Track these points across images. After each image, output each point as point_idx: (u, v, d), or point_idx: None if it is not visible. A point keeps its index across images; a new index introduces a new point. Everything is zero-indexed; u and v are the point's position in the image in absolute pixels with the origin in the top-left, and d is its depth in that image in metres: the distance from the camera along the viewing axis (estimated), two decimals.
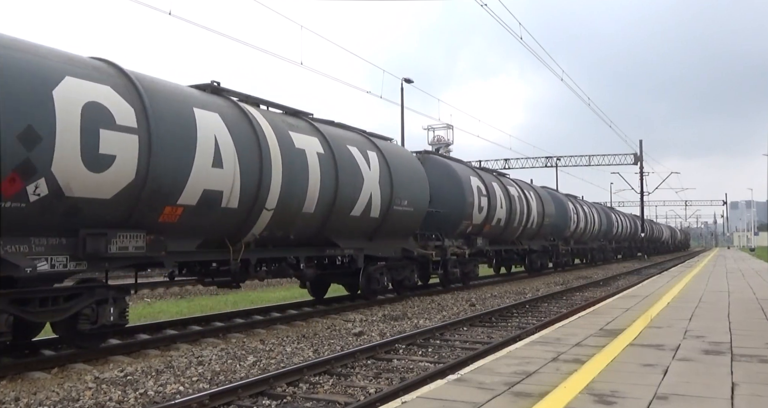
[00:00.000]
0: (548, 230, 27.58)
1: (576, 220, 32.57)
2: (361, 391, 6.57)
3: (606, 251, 41.74)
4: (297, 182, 10.88)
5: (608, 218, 41.04)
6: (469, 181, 18.79)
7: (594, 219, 36.09)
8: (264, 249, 10.98)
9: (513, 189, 22.99)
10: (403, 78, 30.02)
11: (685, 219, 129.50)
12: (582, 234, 34.22)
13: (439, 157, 20.24)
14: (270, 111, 11.55)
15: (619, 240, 46.23)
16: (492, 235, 21.12)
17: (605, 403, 4.15)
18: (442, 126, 49.32)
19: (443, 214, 17.49)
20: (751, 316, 8.92)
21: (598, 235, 38.02)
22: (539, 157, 48.30)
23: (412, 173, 15.28)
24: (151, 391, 6.46)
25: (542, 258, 27.67)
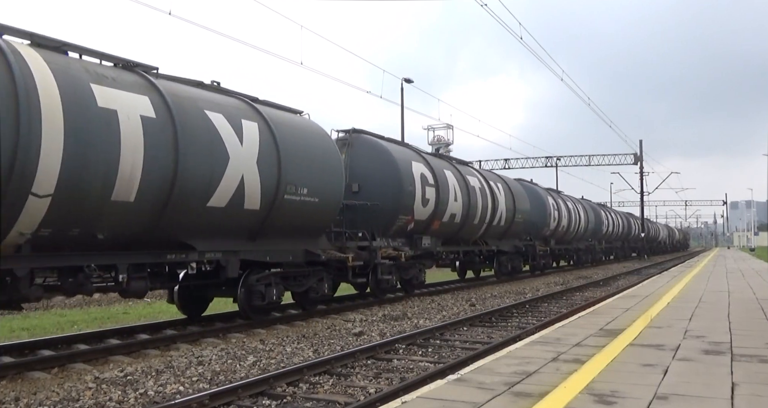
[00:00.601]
0: (521, 228, 23.70)
1: (557, 218, 28.70)
2: (361, 391, 6.57)
3: (594, 252, 38.35)
4: (96, 156, 7.74)
5: (597, 216, 38.01)
6: (409, 167, 15.41)
7: (580, 216, 33.21)
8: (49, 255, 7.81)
9: (473, 179, 19.55)
10: (403, 78, 30.02)
11: (685, 219, 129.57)
12: (565, 233, 30.70)
13: (370, 136, 15.76)
14: (69, 57, 8.35)
15: (610, 240, 43.71)
16: (445, 234, 17.46)
17: (605, 403, 4.15)
18: (442, 126, 49.31)
19: (373, 207, 14.38)
20: (751, 316, 8.92)
21: (585, 235, 35.07)
22: (539, 157, 48.31)
23: (317, 153, 11.94)
24: (151, 391, 6.46)
25: (514, 260, 23.69)
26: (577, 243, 33.97)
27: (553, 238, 28.98)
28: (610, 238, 43.49)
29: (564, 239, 31.10)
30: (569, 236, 31.83)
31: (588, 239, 36.62)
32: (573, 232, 32.16)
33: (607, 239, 42.85)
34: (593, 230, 36.91)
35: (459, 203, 17.73)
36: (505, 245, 22.64)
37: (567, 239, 31.69)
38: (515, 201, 22.55)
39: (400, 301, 15.17)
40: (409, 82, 30.21)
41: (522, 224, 23.63)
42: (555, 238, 29.24)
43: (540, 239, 26.94)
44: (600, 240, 39.96)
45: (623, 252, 49.68)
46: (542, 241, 27.26)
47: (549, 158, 48.15)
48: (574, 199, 35.09)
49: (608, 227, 42.02)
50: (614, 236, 44.87)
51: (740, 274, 20.29)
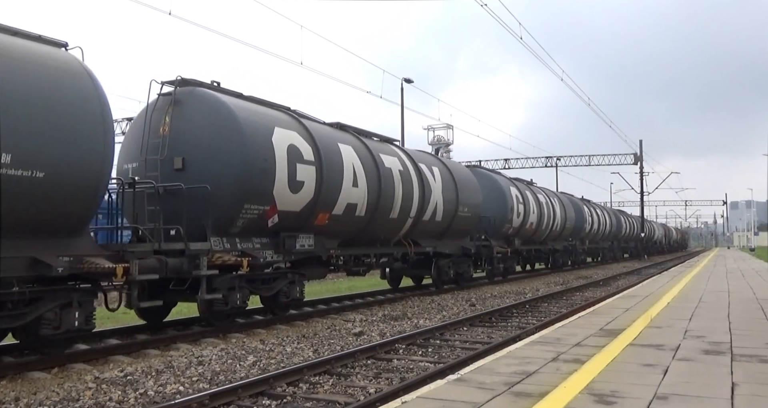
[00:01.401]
0: (470, 225, 20.49)
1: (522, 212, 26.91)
2: (361, 391, 6.57)
3: (615, 250, 42.70)
4: None
5: (578, 212, 36.65)
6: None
7: (554, 212, 30.84)
8: None
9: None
10: (403, 78, 30.03)
11: (685, 219, 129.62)
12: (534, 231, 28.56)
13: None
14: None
15: (595, 239, 41.78)
16: (342, 232, 13.98)
17: (605, 403, 4.15)
18: (442, 126, 49.30)
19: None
20: (751, 316, 8.92)
21: (563, 234, 33.30)
22: (539, 157, 48.32)
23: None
24: (151, 391, 6.46)
25: (460, 265, 20.08)
26: (552, 243, 29.27)
27: (518, 237, 24.06)
28: (595, 237, 38.70)
29: (534, 239, 26.45)
30: (540, 235, 27.06)
31: (567, 239, 31.89)
32: (546, 231, 27.36)
33: (592, 239, 38.08)
34: (574, 228, 32.22)
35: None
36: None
37: (538, 239, 27.01)
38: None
39: (400, 301, 15.17)
40: (409, 82, 30.22)
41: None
42: (521, 237, 24.33)
43: (500, 238, 22.40)
44: (582, 240, 35.30)
45: (612, 253, 44.79)
46: (503, 240, 22.81)
47: (549, 158, 48.16)
48: (549, 192, 30.11)
49: (592, 225, 37.20)
50: (601, 235, 40.03)
51: (740, 274, 20.29)
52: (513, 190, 23.14)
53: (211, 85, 10.95)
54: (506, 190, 22.67)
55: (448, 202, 17.06)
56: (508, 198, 22.78)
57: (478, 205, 19.15)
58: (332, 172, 12.23)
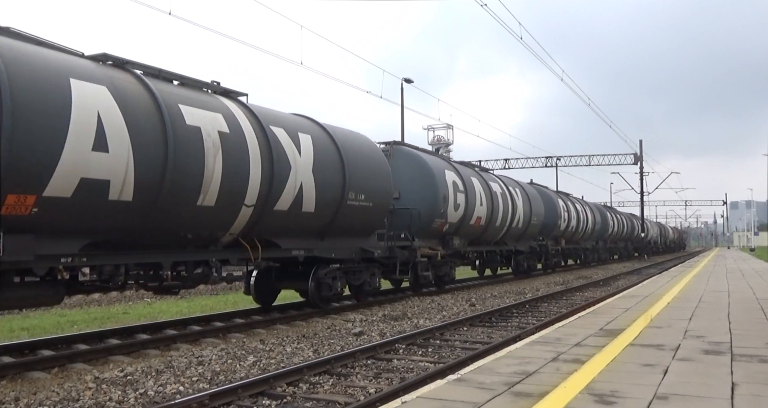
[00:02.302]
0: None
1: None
2: (361, 391, 6.57)
3: (600, 251, 39.64)
4: None
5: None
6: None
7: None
8: None
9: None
10: (403, 78, 30.05)
11: (685, 219, 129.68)
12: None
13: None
14: None
15: (614, 240, 44.49)
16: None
17: (605, 403, 4.15)
18: (442, 126, 49.31)
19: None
20: (751, 316, 8.92)
21: (592, 235, 36.58)
22: (539, 157, 48.27)
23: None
24: (151, 391, 6.46)
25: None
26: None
27: (459, 235, 20.52)
28: (614, 238, 44.18)
29: (573, 239, 32.29)
30: (577, 236, 33.12)
31: (594, 239, 37.63)
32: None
33: (612, 239, 43.54)
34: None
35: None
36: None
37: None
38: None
39: (400, 301, 15.17)
40: (409, 82, 30.22)
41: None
42: (463, 235, 20.83)
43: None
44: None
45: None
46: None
47: (549, 158, 48.13)
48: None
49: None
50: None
51: (740, 274, 20.29)
52: (450, 174, 17.85)
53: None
54: (437, 175, 17.14)
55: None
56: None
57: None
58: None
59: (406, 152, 17.26)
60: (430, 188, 16.59)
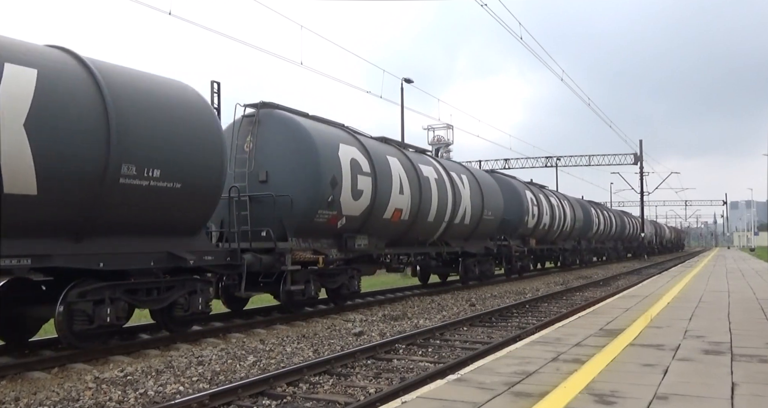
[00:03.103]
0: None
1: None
2: (361, 391, 6.57)
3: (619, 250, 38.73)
4: None
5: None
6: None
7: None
8: None
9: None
10: (403, 78, 30.02)
11: (685, 219, 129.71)
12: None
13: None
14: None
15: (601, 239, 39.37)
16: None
17: (605, 403, 4.15)
18: (442, 126, 49.23)
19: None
20: (751, 316, 8.92)
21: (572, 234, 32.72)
22: (539, 157, 48.23)
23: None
24: (151, 391, 6.46)
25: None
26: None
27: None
28: (601, 237, 39.77)
29: (546, 239, 28.08)
30: (552, 235, 28.66)
31: (575, 239, 33.37)
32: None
33: (598, 239, 39.19)
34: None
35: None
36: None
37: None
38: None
39: (400, 301, 15.17)
40: (409, 82, 30.21)
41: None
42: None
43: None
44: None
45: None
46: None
47: (549, 158, 48.11)
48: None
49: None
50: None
51: (740, 274, 20.29)
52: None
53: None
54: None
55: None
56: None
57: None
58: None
59: (279, 117, 12.57)
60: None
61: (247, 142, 12.18)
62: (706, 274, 20.15)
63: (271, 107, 12.50)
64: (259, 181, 12.02)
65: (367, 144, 14.11)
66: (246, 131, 12.26)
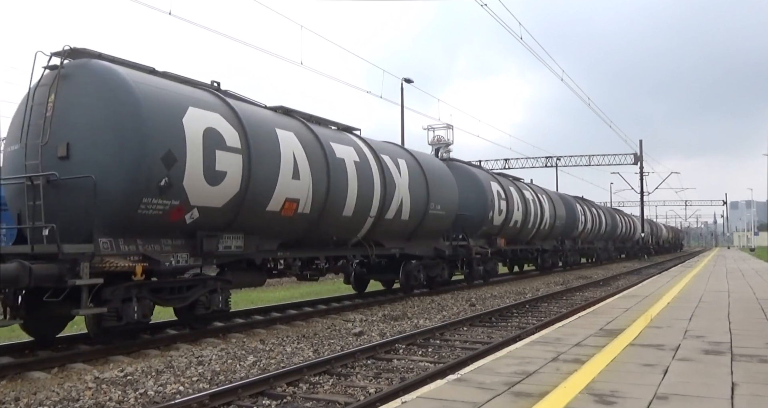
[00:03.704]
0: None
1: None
2: (361, 391, 6.57)
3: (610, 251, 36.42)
4: None
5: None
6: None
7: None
8: None
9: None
10: (403, 78, 30.03)
11: (685, 219, 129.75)
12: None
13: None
14: None
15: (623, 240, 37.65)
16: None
17: (605, 403, 4.15)
18: (442, 126, 49.18)
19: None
20: (751, 316, 8.92)
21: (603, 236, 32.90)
22: (539, 157, 48.23)
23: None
24: (151, 391, 6.46)
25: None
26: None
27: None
28: (589, 237, 35.62)
29: (520, 238, 24.08)
30: (527, 234, 24.70)
31: (558, 238, 29.59)
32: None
33: (585, 238, 35.06)
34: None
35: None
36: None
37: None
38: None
39: (400, 301, 15.17)
40: (409, 82, 30.22)
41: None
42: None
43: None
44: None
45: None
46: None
47: (549, 158, 48.11)
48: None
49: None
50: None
51: (740, 274, 20.29)
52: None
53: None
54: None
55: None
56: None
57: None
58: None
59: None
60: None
61: (48, 104, 8.76)
62: (706, 274, 20.15)
63: (86, 56, 9.08)
64: (57, 158, 8.59)
65: (242, 110, 10.54)
66: (46, 91, 8.87)
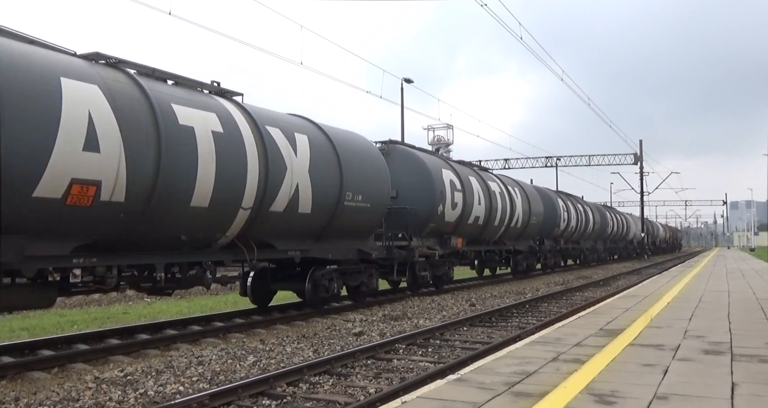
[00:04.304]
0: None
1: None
2: (361, 391, 6.57)
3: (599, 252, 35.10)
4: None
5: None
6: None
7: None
8: None
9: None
10: (403, 78, 30.07)
11: (685, 219, 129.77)
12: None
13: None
14: None
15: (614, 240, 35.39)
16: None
17: (605, 403, 4.15)
18: (442, 126, 49.27)
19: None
20: (751, 315, 8.92)
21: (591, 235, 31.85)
22: (539, 157, 48.25)
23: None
24: (151, 391, 6.46)
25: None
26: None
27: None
28: (573, 236, 32.08)
29: (483, 238, 20.64)
30: (493, 233, 21.21)
31: (534, 238, 26.37)
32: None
33: (569, 238, 31.55)
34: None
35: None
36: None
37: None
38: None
39: (400, 301, 15.16)
40: (409, 82, 30.23)
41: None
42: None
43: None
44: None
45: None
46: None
47: (549, 158, 48.12)
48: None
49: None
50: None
51: (740, 274, 20.29)
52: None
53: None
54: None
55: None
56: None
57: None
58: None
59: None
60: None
61: None
62: (706, 274, 20.15)
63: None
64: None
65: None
66: None
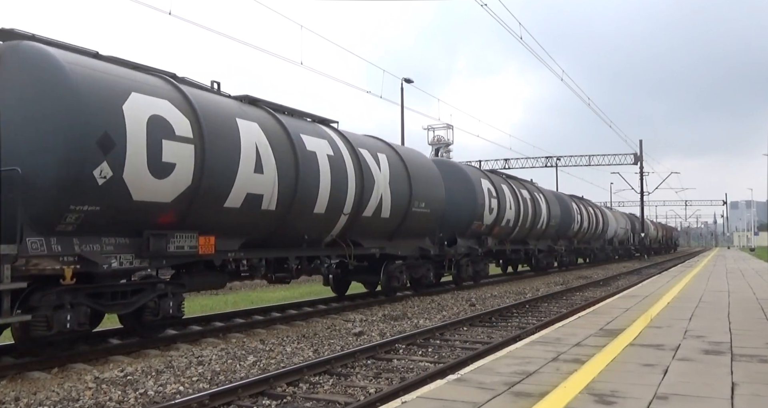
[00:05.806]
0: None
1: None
2: (361, 391, 6.57)
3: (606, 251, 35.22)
4: None
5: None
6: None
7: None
8: None
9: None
10: (403, 78, 30.07)
11: (685, 219, 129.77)
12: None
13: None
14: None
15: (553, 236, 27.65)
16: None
17: (605, 403, 4.15)
18: (442, 126, 49.24)
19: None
20: (751, 315, 8.92)
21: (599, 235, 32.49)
22: (539, 157, 48.27)
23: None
24: (151, 391, 6.46)
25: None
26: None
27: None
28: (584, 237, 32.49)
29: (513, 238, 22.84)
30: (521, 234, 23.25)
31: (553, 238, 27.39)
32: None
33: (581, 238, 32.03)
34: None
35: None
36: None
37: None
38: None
39: (400, 300, 15.17)
40: (409, 82, 30.23)
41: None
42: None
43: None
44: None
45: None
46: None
47: (549, 158, 48.13)
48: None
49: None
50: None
51: (740, 274, 20.29)
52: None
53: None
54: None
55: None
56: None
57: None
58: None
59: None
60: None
61: None
62: (706, 274, 20.15)
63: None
64: None
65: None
66: None
